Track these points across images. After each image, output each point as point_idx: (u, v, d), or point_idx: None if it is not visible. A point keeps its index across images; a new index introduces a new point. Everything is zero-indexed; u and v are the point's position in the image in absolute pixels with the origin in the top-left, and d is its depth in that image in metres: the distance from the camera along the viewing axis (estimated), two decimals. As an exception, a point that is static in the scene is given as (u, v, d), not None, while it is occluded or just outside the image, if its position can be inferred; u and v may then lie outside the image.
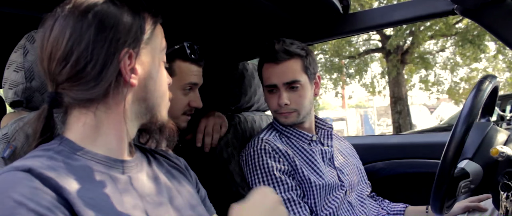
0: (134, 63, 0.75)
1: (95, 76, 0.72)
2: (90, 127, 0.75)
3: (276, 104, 1.43)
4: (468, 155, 1.08)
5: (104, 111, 0.75)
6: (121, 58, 0.73)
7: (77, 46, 0.71)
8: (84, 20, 0.72)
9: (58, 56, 0.72)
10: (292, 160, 1.37)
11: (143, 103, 0.79)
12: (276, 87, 1.42)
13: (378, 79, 13.01)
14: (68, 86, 0.73)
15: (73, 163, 0.70)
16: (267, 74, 1.44)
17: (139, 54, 0.76)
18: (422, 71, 12.45)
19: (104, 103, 0.75)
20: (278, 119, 1.47)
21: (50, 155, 0.70)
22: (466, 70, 12.85)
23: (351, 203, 1.44)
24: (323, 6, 1.50)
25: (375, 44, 11.98)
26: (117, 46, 0.73)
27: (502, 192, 1.02)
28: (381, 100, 17.86)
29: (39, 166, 0.65)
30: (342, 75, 12.64)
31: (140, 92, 0.78)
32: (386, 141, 2.03)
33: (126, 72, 0.74)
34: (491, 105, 1.24)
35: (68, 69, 0.72)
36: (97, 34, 0.72)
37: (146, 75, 0.78)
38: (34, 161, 0.67)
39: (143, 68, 0.77)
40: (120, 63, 0.73)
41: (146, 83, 0.78)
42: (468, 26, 9.69)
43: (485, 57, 11.60)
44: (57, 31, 0.73)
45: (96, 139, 0.75)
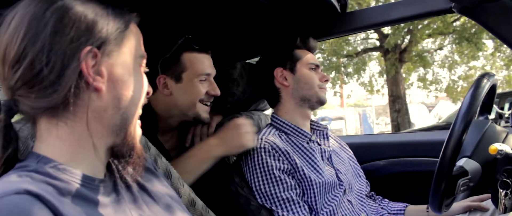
0: (100, 64, 0.66)
1: (53, 80, 0.63)
2: (64, 140, 0.67)
3: (318, 80, 1.52)
4: (467, 153, 1.08)
5: (73, 120, 0.66)
6: (82, 58, 0.64)
7: (32, 46, 0.63)
8: (42, 16, 0.64)
9: (11, 57, 0.63)
10: (292, 159, 1.37)
11: (117, 113, 0.69)
12: (317, 67, 1.54)
13: (376, 78, 13.04)
14: (24, 92, 0.64)
15: (59, 186, 0.63)
16: (308, 56, 1.54)
17: (106, 55, 0.67)
18: (420, 69, 12.48)
19: (71, 111, 0.66)
20: (319, 94, 1.52)
21: (33, 177, 0.62)
22: (464, 68, 12.88)
23: (351, 201, 1.44)
24: (320, 5, 1.50)
25: (373, 43, 12.00)
26: (78, 45, 0.64)
27: (501, 190, 1.02)
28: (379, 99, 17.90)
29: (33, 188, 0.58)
30: (340, 74, 12.64)
31: (112, 98, 0.69)
32: (384, 140, 2.03)
33: (89, 74, 0.65)
34: (489, 103, 1.24)
35: (21, 73, 0.63)
36: (55, 33, 0.63)
37: (116, 78, 0.69)
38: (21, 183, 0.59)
39: (112, 71, 0.68)
40: (81, 64, 0.64)
41: (117, 87, 0.69)
42: (465, 24, 9.70)
43: (483, 55, 11.63)
44: (12, 28, 0.65)
45: (74, 155, 0.68)
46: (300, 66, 1.51)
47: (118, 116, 0.70)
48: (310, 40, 1.56)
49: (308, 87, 1.50)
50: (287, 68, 1.51)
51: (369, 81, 13.05)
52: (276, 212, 1.32)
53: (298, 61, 1.52)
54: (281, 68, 1.51)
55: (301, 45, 1.55)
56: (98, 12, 0.68)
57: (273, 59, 1.54)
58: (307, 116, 1.53)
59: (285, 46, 1.55)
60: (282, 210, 1.32)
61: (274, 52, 1.56)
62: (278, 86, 1.52)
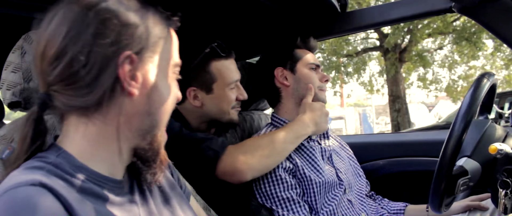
0: (136, 69, 0.67)
1: (89, 82, 0.64)
2: (89, 140, 0.68)
3: (319, 80, 1.53)
4: (467, 152, 1.08)
5: (103, 122, 0.67)
6: (119, 62, 0.65)
7: (73, 45, 0.63)
8: (85, 16, 0.64)
9: (51, 54, 0.65)
10: (292, 158, 1.38)
11: (147, 118, 0.70)
12: (317, 67, 1.54)
13: (376, 77, 13.04)
14: (60, 88, 0.65)
15: (74, 182, 0.63)
16: (308, 56, 1.54)
17: (143, 60, 0.67)
18: (420, 69, 12.47)
19: (102, 113, 0.67)
20: (319, 95, 1.52)
21: (49, 169, 0.63)
22: (464, 68, 12.88)
23: (351, 201, 1.44)
24: (320, 5, 1.50)
25: (373, 42, 12.00)
26: (117, 49, 0.65)
27: (501, 190, 1.02)
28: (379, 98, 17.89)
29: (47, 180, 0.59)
30: (340, 74, 12.64)
31: (143, 104, 0.69)
32: (384, 140, 2.03)
33: (125, 79, 0.65)
34: (489, 103, 1.24)
35: (59, 70, 0.64)
36: (96, 34, 0.64)
37: (150, 85, 0.69)
38: (37, 174, 0.60)
39: (147, 76, 0.68)
40: (118, 68, 0.65)
41: (150, 93, 0.69)
42: (465, 24, 9.70)
43: (483, 54, 11.63)
44: (54, 26, 0.65)
45: (95, 154, 0.68)
46: (300, 66, 1.51)
47: (147, 121, 0.70)
48: (310, 40, 1.55)
49: (308, 87, 1.50)
50: (287, 67, 1.51)
51: (369, 80, 13.05)
52: (276, 212, 1.32)
53: (298, 61, 1.51)
54: (282, 67, 1.51)
55: (301, 45, 1.54)
56: (140, 16, 0.68)
57: (273, 59, 1.54)
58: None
59: (285, 46, 1.54)
60: (282, 209, 1.32)
61: (275, 51, 1.55)
62: (279, 86, 1.52)
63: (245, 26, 1.66)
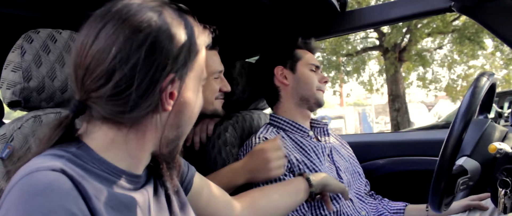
0: (175, 88, 0.69)
1: (134, 102, 0.65)
2: (116, 145, 0.69)
3: (318, 81, 1.53)
4: (466, 152, 1.08)
5: (134, 134, 0.69)
6: (164, 87, 0.67)
7: (123, 66, 0.64)
8: (135, 38, 0.65)
9: (98, 71, 0.65)
10: (290, 155, 1.38)
11: (175, 130, 0.73)
12: (317, 68, 1.54)
13: (376, 77, 13.03)
14: (101, 102, 0.66)
15: (91, 171, 0.65)
16: (309, 56, 1.54)
17: (182, 80, 0.69)
18: (419, 68, 12.47)
19: (136, 126, 0.69)
20: (317, 96, 1.52)
21: (69, 158, 0.64)
22: (464, 67, 12.88)
23: (352, 200, 1.44)
24: (320, 4, 1.50)
25: (373, 42, 11.99)
26: (164, 73, 0.66)
27: (500, 189, 1.02)
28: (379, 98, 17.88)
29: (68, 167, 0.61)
30: (340, 73, 12.64)
31: (174, 118, 0.71)
32: (384, 139, 2.03)
33: (166, 100, 0.68)
34: (489, 102, 1.24)
35: (107, 89, 0.64)
36: (145, 57, 0.64)
37: (183, 101, 0.71)
38: (58, 161, 0.61)
39: (182, 94, 0.71)
40: (162, 92, 0.67)
41: (181, 108, 0.72)
42: (466, 23, 9.71)
43: (483, 54, 11.62)
44: (103, 42, 0.65)
45: (117, 154, 0.69)
46: (300, 66, 1.51)
47: (175, 132, 0.73)
48: (311, 41, 1.56)
49: (307, 87, 1.50)
50: (287, 67, 1.51)
51: (368, 80, 13.05)
52: None
53: (299, 61, 1.51)
54: (282, 66, 1.51)
55: (302, 45, 1.54)
56: (183, 36, 0.69)
57: (274, 57, 1.54)
58: (306, 116, 1.53)
59: (286, 45, 1.54)
60: None
61: (275, 50, 1.55)
62: (278, 85, 1.52)
63: (245, 26, 1.66)
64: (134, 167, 0.73)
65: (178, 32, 0.69)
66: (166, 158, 0.76)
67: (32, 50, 0.95)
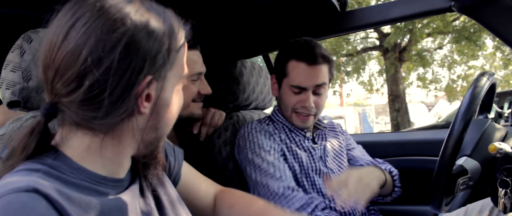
0: (152, 90, 0.64)
1: (108, 107, 0.60)
2: (93, 152, 0.65)
3: (298, 104, 1.41)
4: (466, 152, 1.08)
5: (110, 138, 0.65)
6: (141, 90, 0.62)
7: (95, 70, 0.58)
8: (108, 39, 0.59)
9: (68, 74, 0.59)
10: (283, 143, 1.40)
11: (153, 133, 0.69)
12: (304, 90, 1.40)
13: (376, 77, 13.04)
14: (72, 106, 0.61)
15: (71, 183, 0.61)
16: (297, 74, 1.39)
17: (158, 80, 0.65)
18: (419, 68, 12.48)
19: (112, 131, 0.65)
20: (293, 120, 1.44)
21: (46, 171, 0.60)
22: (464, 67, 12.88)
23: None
24: (320, 4, 1.50)
25: (373, 42, 11.99)
26: (140, 76, 0.61)
27: (500, 189, 1.02)
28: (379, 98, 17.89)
29: (43, 185, 0.57)
30: (340, 73, 12.64)
31: (152, 120, 0.67)
32: (384, 139, 2.03)
33: (142, 103, 0.64)
34: (489, 102, 1.24)
35: (78, 95, 0.59)
36: (120, 60, 0.59)
37: (160, 102, 0.67)
38: (32, 177, 0.58)
39: (160, 95, 0.66)
40: (139, 97, 0.62)
41: (159, 110, 0.67)
42: (466, 23, 9.71)
43: (482, 54, 11.63)
44: (73, 43, 0.59)
45: (95, 161, 0.66)
46: (284, 84, 1.44)
47: (154, 134, 0.69)
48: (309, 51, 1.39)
49: (284, 107, 1.46)
50: (277, 79, 1.49)
51: (368, 80, 13.06)
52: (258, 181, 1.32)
53: (284, 78, 1.43)
54: (275, 76, 1.51)
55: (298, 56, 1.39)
56: (162, 34, 0.64)
57: (275, 63, 1.52)
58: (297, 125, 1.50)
59: (279, 56, 1.47)
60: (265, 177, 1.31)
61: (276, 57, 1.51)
62: None
63: (244, 25, 1.66)
64: (116, 172, 0.69)
65: (157, 29, 0.63)
66: (146, 157, 0.74)
67: (31, 50, 0.95)
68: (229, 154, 1.47)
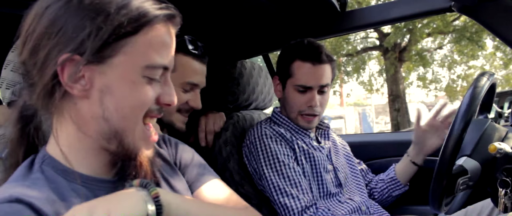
0: (81, 71, 0.63)
1: (35, 80, 0.65)
2: (64, 142, 0.67)
3: (304, 105, 1.41)
4: (466, 152, 1.08)
5: (69, 124, 0.67)
6: (58, 63, 0.62)
7: (27, 44, 0.64)
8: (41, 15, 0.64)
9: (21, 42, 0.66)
10: (292, 143, 1.39)
11: (103, 123, 0.66)
12: (309, 89, 1.40)
13: (376, 77, 13.04)
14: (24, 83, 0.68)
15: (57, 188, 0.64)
16: (302, 73, 1.39)
17: (93, 63, 0.63)
18: (419, 68, 12.48)
19: (61, 114, 0.67)
20: (298, 121, 1.44)
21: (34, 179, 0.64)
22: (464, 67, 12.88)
23: (352, 199, 1.45)
24: (320, 4, 1.50)
25: (373, 42, 12.00)
26: (59, 50, 0.62)
27: (501, 189, 1.02)
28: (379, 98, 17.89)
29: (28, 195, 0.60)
30: (340, 73, 12.64)
31: (96, 107, 0.65)
32: (384, 139, 2.03)
33: (63, 79, 0.63)
34: (489, 102, 1.24)
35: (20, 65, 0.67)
36: (43, 34, 0.63)
37: (101, 88, 0.65)
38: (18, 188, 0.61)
39: (98, 79, 0.64)
40: (57, 68, 0.62)
41: (102, 98, 0.65)
42: (466, 23, 9.71)
43: (482, 54, 11.63)
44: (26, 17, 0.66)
45: (74, 155, 0.68)
46: (288, 84, 1.44)
47: (105, 126, 0.67)
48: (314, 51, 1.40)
49: (289, 109, 1.46)
50: (280, 80, 1.49)
51: (368, 80, 13.06)
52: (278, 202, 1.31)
53: (289, 78, 1.43)
54: (278, 77, 1.50)
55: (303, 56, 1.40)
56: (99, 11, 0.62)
57: (277, 65, 1.52)
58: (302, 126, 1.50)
59: (283, 57, 1.46)
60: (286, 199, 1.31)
61: (279, 58, 1.51)
62: None
63: (244, 25, 1.66)
64: (99, 169, 0.70)
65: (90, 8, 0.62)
66: (122, 157, 0.70)
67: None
68: (229, 154, 1.47)
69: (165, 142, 0.92)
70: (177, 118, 1.30)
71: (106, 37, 0.62)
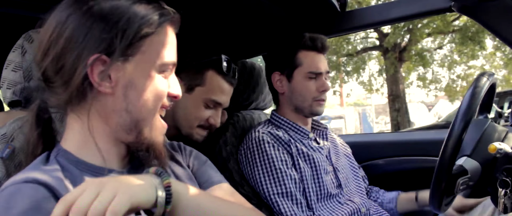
0: (109, 70, 0.70)
1: (64, 80, 0.70)
2: (80, 135, 0.74)
3: (316, 90, 1.45)
4: (466, 152, 1.08)
5: (88, 118, 0.73)
6: (88, 64, 0.68)
7: (54, 48, 0.70)
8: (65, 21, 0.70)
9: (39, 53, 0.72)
10: (292, 147, 1.39)
11: (126, 115, 0.73)
12: (319, 75, 1.45)
13: (376, 77, 13.04)
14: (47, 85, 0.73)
15: (70, 176, 0.69)
16: (311, 61, 1.45)
17: (118, 61, 0.70)
18: (419, 68, 12.47)
19: (85, 110, 0.73)
20: (313, 108, 1.46)
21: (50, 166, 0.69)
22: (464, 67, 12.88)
23: (352, 200, 1.45)
24: (320, 4, 1.50)
25: (373, 42, 12.00)
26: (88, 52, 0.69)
27: (500, 189, 1.02)
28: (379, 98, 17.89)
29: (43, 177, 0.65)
30: (340, 73, 12.64)
31: (120, 101, 0.72)
32: (384, 139, 2.03)
33: (94, 79, 0.70)
34: (489, 102, 1.24)
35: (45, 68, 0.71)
36: (70, 38, 0.69)
37: (126, 84, 0.72)
38: (34, 172, 0.66)
39: (123, 76, 0.72)
40: (87, 69, 0.69)
41: (126, 92, 0.72)
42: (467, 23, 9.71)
43: (483, 54, 11.63)
44: (44, 28, 0.72)
45: (88, 148, 0.74)
46: (297, 74, 1.46)
47: (127, 117, 0.73)
48: (318, 40, 1.48)
49: (301, 99, 1.46)
50: (284, 73, 1.49)
51: (368, 80, 13.06)
52: (275, 208, 1.32)
53: (296, 68, 1.46)
54: (279, 72, 1.50)
55: (308, 45, 1.46)
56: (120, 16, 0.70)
57: (273, 61, 1.53)
58: (305, 121, 1.52)
59: (288, 47, 1.49)
60: (281, 205, 1.31)
61: (275, 54, 1.53)
62: (276, 90, 1.52)
63: (244, 25, 1.66)
64: (111, 161, 0.76)
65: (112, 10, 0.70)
66: (139, 147, 0.76)
67: (32, 49, 0.95)
68: (229, 154, 1.47)
69: (180, 149, 0.96)
70: (197, 132, 1.35)
71: (131, 37, 0.70)
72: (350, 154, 1.65)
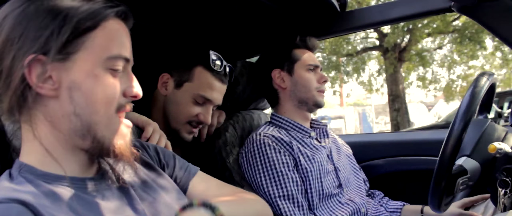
0: (48, 71, 0.65)
1: (2, 86, 0.65)
2: (37, 146, 0.68)
3: (317, 82, 1.50)
4: (466, 152, 1.08)
5: (38, 126, 0.67)
6: (25, 65, 0.63)
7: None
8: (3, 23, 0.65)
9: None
10: (294, 149, 1.38)
11: (75, 119, 0.67)
12: (316, 67, 1.52)
13: (376, 77, 13.03)
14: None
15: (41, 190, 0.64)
16: (308, 56, 1.52)
17: (58, 61, 0.65)
18: (419, 68, 12.46)
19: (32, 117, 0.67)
20: (317, 98, 1.50)
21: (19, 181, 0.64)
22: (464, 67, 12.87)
23: (353, 200, 1.45)
24: (320, 4, 1.50)
25: (373, 42, 11.99)
26: (23, 53, 0.64)
27: (500, 189, 1.02)
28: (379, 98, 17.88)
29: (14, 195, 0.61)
30: (340, 73, 12.63)
31: (67, 105, 0.66)
32: (384, 139, 2.03)
33: (32, 81, 0.64)
34: (489, 102, 1.24)
35: None
36: (6, 41, 0.64)
37: (69, 85, 0.66)
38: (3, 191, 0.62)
39: (65, 76, 0.66)
40: (24, 70, 0.64)
41: (71, 94, 0.66)
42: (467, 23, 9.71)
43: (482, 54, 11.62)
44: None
45: (50, 159, 0.67)
46: (298, 68, 1.50)
47: (77, 122, 0.67)
48: (310, 39, 1.54)
49: (305, 90, 1.49)
50: (285, 69, 1.51)
51: (368, 80, 13.05)
52: (277, 210, 1.32)
53: (296, 62, 1.50)
54: (279, 69, 1.51)
55: (301, 45, 1.53)
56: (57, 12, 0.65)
57: (271, 60, 1.54)
58: (306, 117, 1.53)
59: (283, 47, 1.53)
60: (283, 207, 1.31)
61: (272, 52, 1.55)
62: (276, 88, 1.52)
63: (244, 25, 1.66)
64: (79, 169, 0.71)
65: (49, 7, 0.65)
66: (98, 153, 0.71)
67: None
68: (229, 154, 1.47)
69: (144, 147, 0.93)
70: (185, 128, 1.35)
71: (68, 34, 0.65)
72: (351, 155, 1.65)
